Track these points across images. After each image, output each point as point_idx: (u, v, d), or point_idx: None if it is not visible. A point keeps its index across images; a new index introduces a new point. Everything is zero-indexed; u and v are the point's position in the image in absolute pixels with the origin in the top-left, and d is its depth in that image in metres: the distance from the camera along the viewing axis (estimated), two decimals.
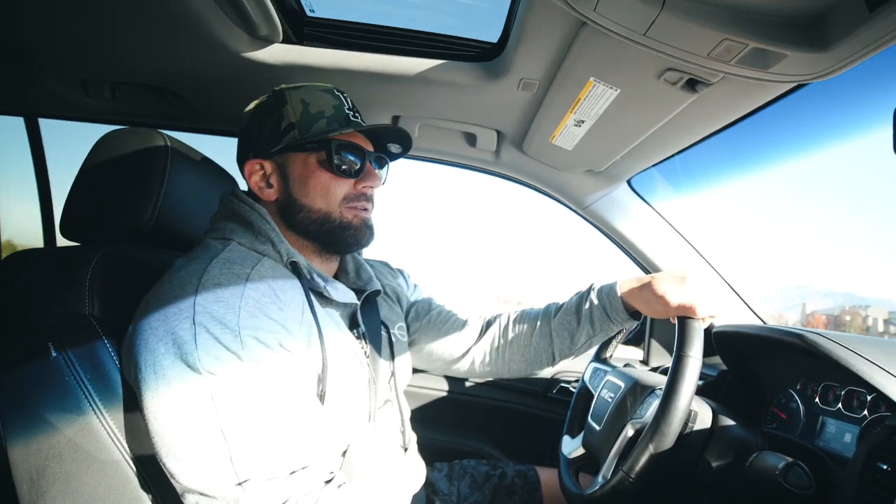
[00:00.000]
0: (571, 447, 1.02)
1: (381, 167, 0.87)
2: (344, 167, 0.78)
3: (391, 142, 0.87)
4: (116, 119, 1.29)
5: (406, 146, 0.88)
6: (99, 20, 0.87)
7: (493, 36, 0.93)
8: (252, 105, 0.83)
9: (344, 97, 0.81)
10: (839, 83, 0.72)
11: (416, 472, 0.94)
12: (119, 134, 0.84)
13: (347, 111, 0.80)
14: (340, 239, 0.80)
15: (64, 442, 0.66)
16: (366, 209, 0.82)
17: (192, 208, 0.88)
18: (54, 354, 0.68)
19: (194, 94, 1.13)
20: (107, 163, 0.82)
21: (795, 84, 0.69)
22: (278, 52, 0.94)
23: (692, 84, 0.74)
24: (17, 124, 1.40)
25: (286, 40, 0.94)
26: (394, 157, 0.90)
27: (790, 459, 0.69)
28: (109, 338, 0.69)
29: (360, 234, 0.81)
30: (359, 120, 0.82)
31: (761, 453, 0.73)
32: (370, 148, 0.83)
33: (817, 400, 0.91)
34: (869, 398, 0.82)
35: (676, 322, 0.78)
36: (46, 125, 1.42)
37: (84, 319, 0.69)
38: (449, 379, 1.54)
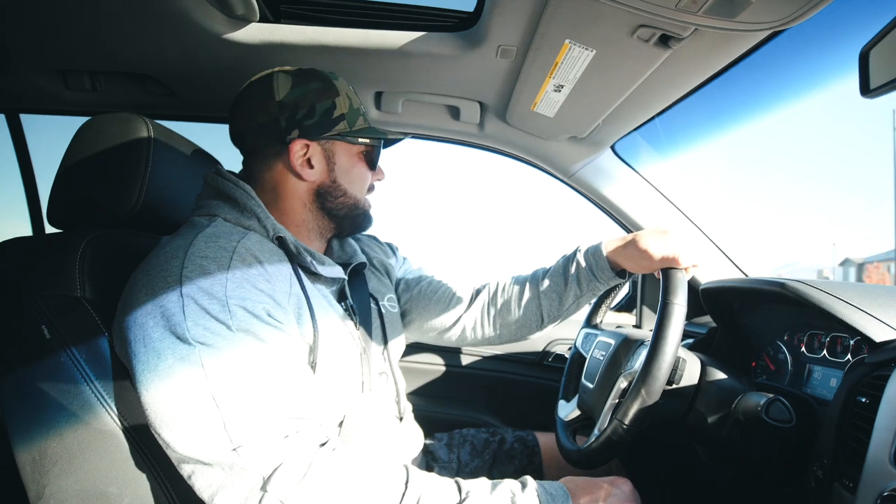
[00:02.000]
0: (567, 410, 1.05)
1: None
2: (376, 162, 0.90)
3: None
4: (100, 112, 1.28)
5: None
6: (72, 6, 0.86)
7: (468, 5, 0.93)
8: (289, 82, 0.78)
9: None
10: (808, 32, 0.72)
11: (412, 440, 0.96)
12: (100, 120, 0.84)
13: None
14: (360, 224, 0.90)
15: (63, 421, 0.67)
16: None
17: (178, 192, 0.88)
18: (48, 337, 0.68)
19: (174, 80, 1.12)
20: (90, 149, 0.82)
21: (765, 33, 0.70)
22: (256, 32, 0.94)
23: (665, 40, 0.74)
24: None
25: (263, 19, 0.94)
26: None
27: (771, 396, 0.71)
28: (102, 318, 0.70)
29: (370, 221, 0.92)
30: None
31: (745, 394, 0.76)
32: None
33: (803, 349, 0.93)
34: (852, 342, 0.84)
35: (661, 275, 0.79)
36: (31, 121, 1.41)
37: (75, 301, 0.70)
38: (446, 353, 1.56)
